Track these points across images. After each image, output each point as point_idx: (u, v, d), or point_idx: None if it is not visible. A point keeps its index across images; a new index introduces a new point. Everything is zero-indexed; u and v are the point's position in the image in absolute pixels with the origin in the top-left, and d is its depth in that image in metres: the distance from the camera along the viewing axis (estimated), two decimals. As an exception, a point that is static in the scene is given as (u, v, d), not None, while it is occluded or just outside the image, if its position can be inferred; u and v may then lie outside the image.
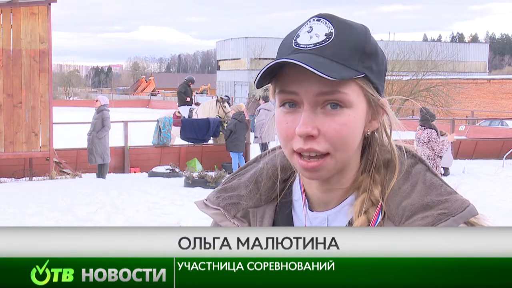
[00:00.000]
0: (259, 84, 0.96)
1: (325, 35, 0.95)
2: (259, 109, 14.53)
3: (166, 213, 7.90)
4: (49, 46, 10.89)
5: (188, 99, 15.66)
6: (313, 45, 0.95)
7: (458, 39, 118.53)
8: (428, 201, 0.97)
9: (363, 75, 0.95)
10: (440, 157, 8.20)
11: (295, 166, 1.01)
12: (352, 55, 0.95)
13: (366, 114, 0.99)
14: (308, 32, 0.96)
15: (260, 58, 47.68)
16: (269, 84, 1.00)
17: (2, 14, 10.68)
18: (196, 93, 17.14)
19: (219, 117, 14.55)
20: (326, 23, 0.96)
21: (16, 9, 10.64)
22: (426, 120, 8.08)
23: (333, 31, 0.95)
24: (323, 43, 0.94)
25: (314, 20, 0.98)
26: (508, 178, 12.57)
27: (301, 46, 0.96)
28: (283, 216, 1.08)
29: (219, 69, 59.23)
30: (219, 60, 59.56)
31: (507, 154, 15.44)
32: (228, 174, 11.47)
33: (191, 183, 10.35)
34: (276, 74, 0.96)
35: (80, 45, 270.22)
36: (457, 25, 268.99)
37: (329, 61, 0.93)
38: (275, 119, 0.99)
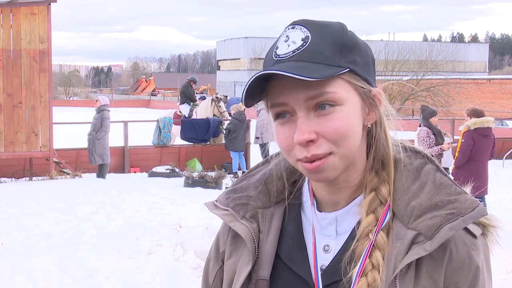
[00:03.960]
0: (249, 103, 0.96)
1: (302, 40, 0.95)
2: (259, 110, 14.51)
3: (166, 213, 7.89)
4: (49, 46, 10.89)
5: (199, 102, 15.64)
6: (291, 53, 0.95)
7: (458, 39, 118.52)
8: (437, 201, 0.96)
9: (348, 69, 0.95)
10: (441, 155, 8.29)
11: (302, 172, 1.00)
12: (332, 52, 0.94)
13: (362, 108, 0.98)
14: (286, 41, 0.97)
15: (260, 58, 47.78)
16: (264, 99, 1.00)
17: (2, 14, 10.67)
18: (196, 93, 17.24)
19: (215, 116, 14.55)
20: (301, 28, 0.96)
21: (16, 9, 10.64)
22: (423, 118, 8.43)
23: (309, 34, 0.95)
24: (300, 48, 0.94)
25: (289, 29, 0.98)
26: (508, 178, 12.58)
27: (280, 56, 0.96)
28: (292, 217, 1.08)
29: (219, 69, 59.30)
30: (219, 60, 59.61)
31: (507, 154, 15.47)
32: (228, 174, 11.50)
33: (191, 183, 10.35)
34: (264, 90, 0.96)
35: (80, 45, 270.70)
36: (458, 25, 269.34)
37: (310, 64, 0.93)
38: (274, 133, 0.99)
